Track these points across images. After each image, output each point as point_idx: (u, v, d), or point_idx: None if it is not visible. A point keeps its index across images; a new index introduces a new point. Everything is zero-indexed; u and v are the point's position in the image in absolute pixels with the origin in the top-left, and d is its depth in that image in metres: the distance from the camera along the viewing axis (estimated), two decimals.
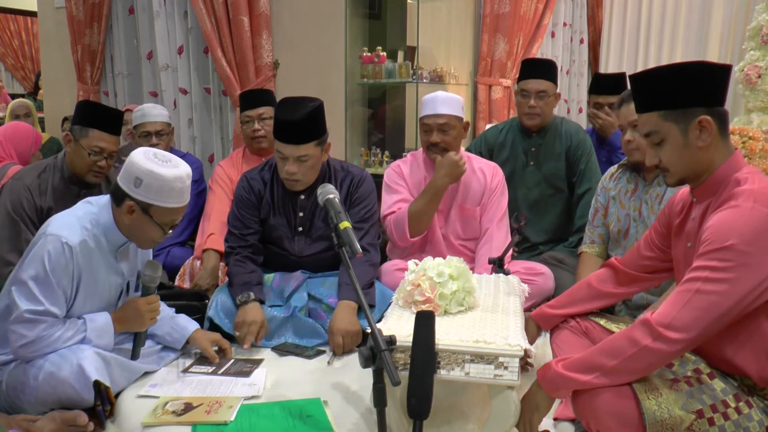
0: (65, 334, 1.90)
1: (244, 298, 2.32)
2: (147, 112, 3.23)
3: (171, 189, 1.93)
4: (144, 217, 1.95)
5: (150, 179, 1.90)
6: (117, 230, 2.00)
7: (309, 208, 2.50)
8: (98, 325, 1.97)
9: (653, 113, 1.55)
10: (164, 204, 1.94)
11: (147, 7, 4.18)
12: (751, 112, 3.88)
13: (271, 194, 2.51)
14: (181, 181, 1.95)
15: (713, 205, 1.53)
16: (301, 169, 2.35)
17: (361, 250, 1.71)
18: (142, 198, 1.92)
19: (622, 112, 2.29)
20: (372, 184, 2.57)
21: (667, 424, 1.43)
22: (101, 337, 1.97)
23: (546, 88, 2.95)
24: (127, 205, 1.94)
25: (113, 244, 2.03)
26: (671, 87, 1.51)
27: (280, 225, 2.51)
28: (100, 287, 2.02)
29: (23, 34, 8.99)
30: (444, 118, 2.64)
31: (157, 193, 1.92)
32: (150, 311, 2.06)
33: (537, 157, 3.04)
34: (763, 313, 1.46)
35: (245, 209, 2.50)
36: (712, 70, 1.51)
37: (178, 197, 1.96)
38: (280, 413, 1.82)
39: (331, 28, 3.67)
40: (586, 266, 2.45)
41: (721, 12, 4.94)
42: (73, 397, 1.84)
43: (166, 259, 3.07)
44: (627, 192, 2.37)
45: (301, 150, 2.32)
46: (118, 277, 2.07)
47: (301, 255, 2.53)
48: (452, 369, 1.60)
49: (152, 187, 1.91)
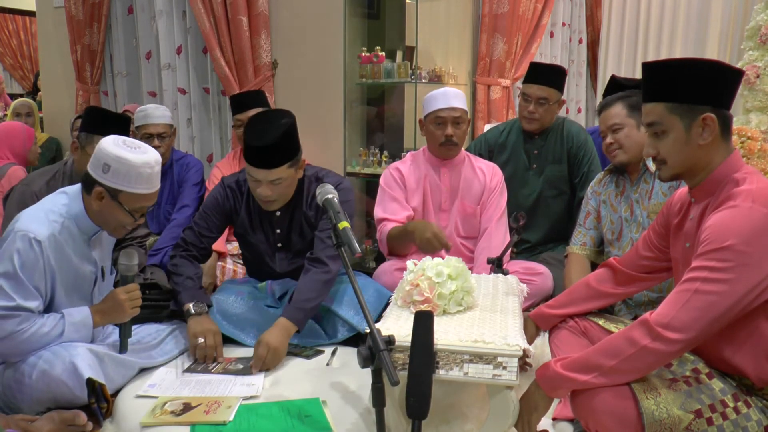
0: (42, 329, 1.89)
1: (200, 308, 2.26)
2: (150, 113, 3.22)
3: (139, 174, 1.93)
4: (113, 203, 1.95)
5: (118, 165, 1.91)
6: (88, 218, 2.00)
7: (286, 224, 2.46)
8: (76, 319, 1.96)
9: (660, 104, 1.55)
10: (133, 190, 1.94)
11: (146, 6, 4.18)
12: (749, 112, 3.88)
13: (247, 211, 2.47)
14: (150, 167, 1.95)
15: (712, 205, 1.53)
16: (275, 191, 2.29)
17: (359, 250, 1.71)
18: (110, 184, 1.93)
19: (602, 117, 2.34)
20: (349, 194, 2.43)
21: (666, 424, 1.43)
22: (79, 331, 1.96)
23: (548, 95, 2.94)
24: (96, 192, 1.94)
25: (85, 233, 2.02)
26: (682, 81, 1.51)
27: (260, 242, 2.49)
28: (76, 278, 2.01)
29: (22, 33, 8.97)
30: (458, 111, 2.66)
31: (125, 179, 1.92)
32: (130, 300, 2.03)
33: (539, 160, 3.04)
34: (762, 314, 1.46)
35: (213, 213, 2.46)
36: (726, 71, 1.51)
37: (146, 183, 1.96)
38: (278, 413, 1.82)
39: (330, 28, 3.67)
40: (575, 267, 2.45)
41: (719, 12, 4.94)
42: (68, 395, 1.84)
43: (164, 259, 3.06)
44: (617, 195, 2.39)
45: (273, 174, 2.25)
46: (91, 265, 2.06)
47: (284, 271, 2.52)
48: (451, 369, 1.60)
49: (120, 173, 1.91)
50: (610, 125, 2.29)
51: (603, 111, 2.34)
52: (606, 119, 2.31)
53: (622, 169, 2.36)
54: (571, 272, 2.44)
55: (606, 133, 2.32)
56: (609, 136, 2.31)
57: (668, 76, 1.53)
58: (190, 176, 3.30)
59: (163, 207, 3.34)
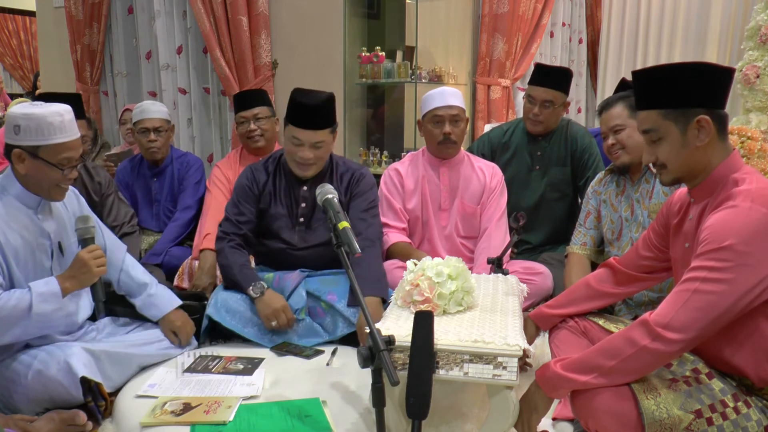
0: (8, 303, 1.85)
1: (259, 289, 2.33)
2: (146, 109, 3.24)
3: (50, 125, 1.90)
4: (36, 161, 1.92)
5: (27, 122, 1.89)
6: (23, 188, 1.97)
7: (311, 199, 2.51)
8: (43, 290, 1.92)
9: (653, 111, 1.55)
10: (49, 141, 1.91)
11: (146, 6, 4.19)
12: (749, 112, 3.88)
13: (273, 184, 2.54)
14: (58, 115, 1.92)
15: (711, 206, 1.53)
16: (316, 155, 2.39)
17: (359, 250, 1.71)
18: (26, 143, 1.91)
19: (603, 118, 2.33)
20: (372, 179, 2.58)
21: (666, 424, 1.43)
22: (48, 301, 1.91)
23: (552, 98, 2.92)
24: (15, 155, 1.92)
25: (29, 205, 1.99)
26: (673, 86, 1.51)
27: (281, 215, 2.52)
28: (30, 251, 1.98)
29: (22, 33, 8.98)
30: (456, 110, 2.67)
31: (38, 133, 1.90)
32: (94, 258, 1.99)
33: (542, 162, 3.03)
34: (761, 314, 1.46)
35: (244, 199, 2.52)
36: (714, 71, 1.51)
37: (60, 132, 1.92)
38: (278, 413, 1.83)
39: (330, 28, 3.67)
40: (575, 267, 2.45)
41: (719, 12, 4.94)
42: (64, 395, 1.84)
43: (165, 259, 3.07)
44: (617, 195, 2.38)
45: (318, 136, 2.36)
46: (44, 237, 2.02)
47: (301, 246, 2.53)
48: (451, 369, 1.60)
49: (31, 129, 1.89)
50: (612, 126, 2.29)
51: (604, 112, 2.34)
52: (607, 120, 2.31)
53: (623, 169, 2.36)
54: (571, 272, 2.44)
55: (608, 134, 2.32)
56: (611, 137, 2.31)
57: (657, 83, 1.54)
58: (191, 174, 3.31)
59: (162, 204, 3.34)
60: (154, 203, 3.35)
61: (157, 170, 3.33)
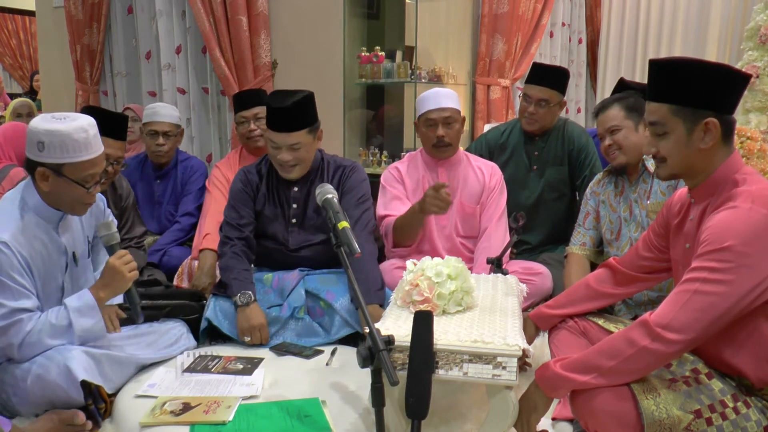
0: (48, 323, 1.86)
1: (245, 299, 2.33)
2: (158, 111, 3.24)
3: (75, 142, 1.86)
4: (60, 179, 1.88)
5: (50, 138, 1.84)
6: (46, 205, 1.94)
7: (302, 200, 2.51)
8: (77, 304, 1.91)
9: (664, 105, 1.53)
10: (74, 159, 1.87)
11: (146, 6, 4.18)
12: (749, 112, 3.89)
13: (266, 186, 2.54)
14: (83, 131, 1.88)
15: (711, 206, 1.53)
16: (294, 156, 2.38)
17: (359, 250, 1.71)
18: (50, 160, 1.86)
19: (599, 120, 2.34)
20: (363, 174, 2.58)
21: (665, 424, 1.43)
22: (86, 314, 1.91)
23: (549, 97, 2.92)
24: (39, 173, 1.88)
25: (50, 221, 1.97)
26: (688, 84, 1.49)
27: (274, 216, 2.53)
28: (49, 268, 1.97)
29: (21, 33, 8.98)
30: (448, 111, 2.66)
31: (62, 150, 1.85)
32: (125, 264, 1.98)
33: (539, 162, 3.03)
34: (761, 315, 1.46)
35: (241, 202, 2.52)
36: (735, 76, 1.50)
37: (85, 149, 1.88)
38: (278, 413, 1.82)
39: (330, 28, 3.67)
40: (575, 268, 2.45)
41: (719, 12, 4.95)
42: (64, 398, 1.84)
43: (164, 259, 3.07)
44: (615, 195, 2.39)
45: (292, 138, 2.35)
46: (61, 254, 2.01)
47: (295, 247, 2.53)
48: (450, 369, 1.60)
49: (55, 146, 1.85)
50: (608, 127, 2.30)
51: (600, 113, 2.34)
52: (604, 121, 2.32)
53: (621, 170, 2.37)
54: (571, 272, 2.44)
55: (604, 135, 2.33)
56: (607, 137, 2.31)
57: (676, 77, 1.51)
58: (194, 180, 3.30)
59: (164, 207, 3.34)
60: (155, 205, 3.35)
61: (161, 172, 3.33)
